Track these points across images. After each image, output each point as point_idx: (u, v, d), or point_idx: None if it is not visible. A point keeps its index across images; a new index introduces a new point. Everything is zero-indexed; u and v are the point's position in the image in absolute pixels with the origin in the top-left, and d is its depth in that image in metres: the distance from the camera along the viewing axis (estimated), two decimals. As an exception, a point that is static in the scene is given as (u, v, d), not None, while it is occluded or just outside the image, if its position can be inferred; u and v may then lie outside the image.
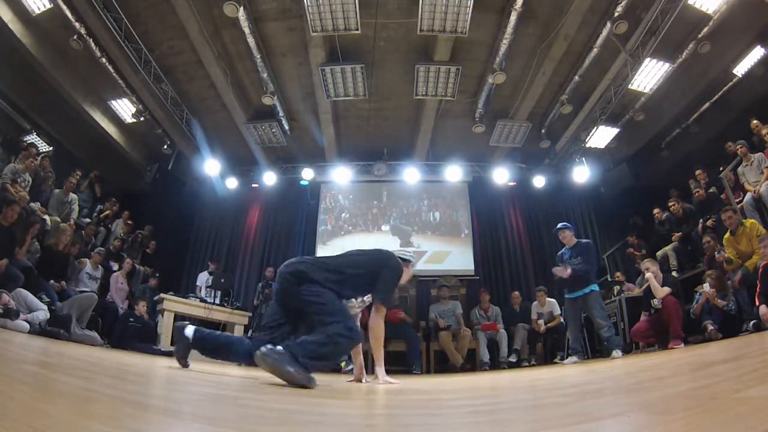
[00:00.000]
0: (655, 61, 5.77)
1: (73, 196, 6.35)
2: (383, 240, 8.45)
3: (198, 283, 7.08)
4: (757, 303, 3.76)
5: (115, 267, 6.42)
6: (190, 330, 2.32)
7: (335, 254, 2.60)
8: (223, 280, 6.68)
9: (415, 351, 5.97)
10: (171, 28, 5.57)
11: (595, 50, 5.55)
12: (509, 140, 7.48)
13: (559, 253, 4.97)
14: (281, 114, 6.89)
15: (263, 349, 1.84)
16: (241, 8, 4.86)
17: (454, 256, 8.28)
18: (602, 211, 8.68)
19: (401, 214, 8.67)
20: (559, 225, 4.98)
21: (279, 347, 1.87)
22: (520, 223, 8.72)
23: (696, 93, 6.64)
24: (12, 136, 6.76)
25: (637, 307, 5.17)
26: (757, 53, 5.79)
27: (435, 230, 8.57)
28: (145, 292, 6.33)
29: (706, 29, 5.40)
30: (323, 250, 8.31)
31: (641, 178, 8.02)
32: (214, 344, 2.37)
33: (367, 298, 2.70)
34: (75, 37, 5.32)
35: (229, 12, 4.88)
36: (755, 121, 5.50)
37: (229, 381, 2.28)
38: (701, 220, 5.81)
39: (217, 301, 6.40)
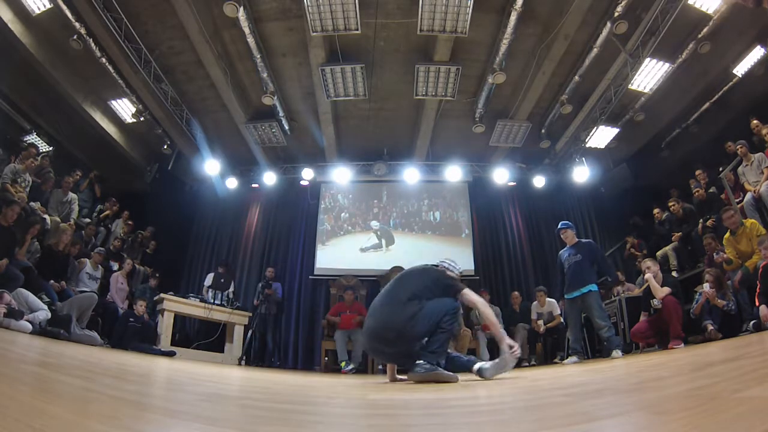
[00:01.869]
0: (655, 61, 5.77)
1: (72, 195, 6.36)
2: (387, 241, 8.46)
3: (205, 284, 7.10)
4: (757, 303, 3.76)
5: (115, 267, 6.43)
6: None
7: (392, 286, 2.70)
8: (222, 280, 6.70)
9: (414, 351, 5.98)
10: (171, 28, 5.57)
11: (595, 50, 5.55)
12: (509, 140, 7.48)
13: (560, 252, 4.97)
14: (281, 114, 6.90)
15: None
16: (241, 8, 4.86)
17: (454, 256, 8.24)
18: (602, 211, 8.68)
19: (401, 214, 8.66)
20: (561, 224, 4.98)
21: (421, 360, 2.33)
22: (520, 223, 8.72)
23: (696, 93, 6.64)
24: (12, 136, 6.76)
25: (637, 308, 5.16)
26: (757, 53, 5.79)
27: (435, 230, 8.57)
28: (145, 292, 6.33)
29: (706, 29, 5.40)
30: (323, 250, 8.31)
31: (641, 178, 8.02)
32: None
33: None
34: (75, 37, 5.32)
35: (229, 12, 4.88)
36: (755, 121, 5.51)
37: (229, 381, 2.29)
38: (701, 220, 5.81)
39: (222, 301, 6.42)
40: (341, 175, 8.16)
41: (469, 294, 2.66)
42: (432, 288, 2.57)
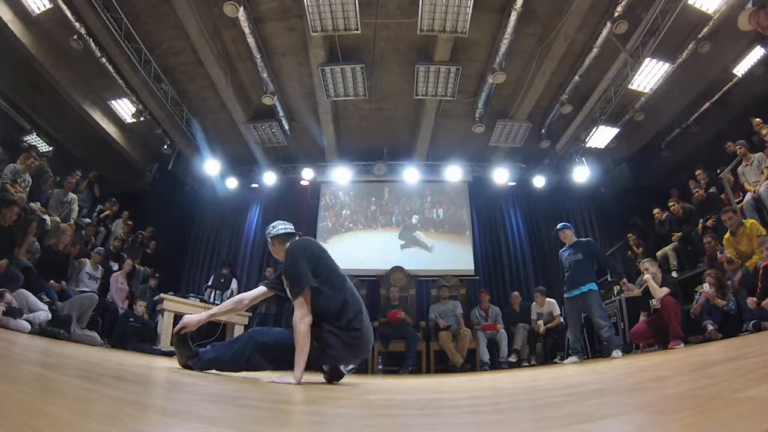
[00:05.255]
0: (655, 61, 5.77)
1: (72, 195, 6.35)
2: (386, 238, 8.45)
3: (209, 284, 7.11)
4: (753, 306, 3.78)
5: (115, 267, 6.42)
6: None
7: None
8: (222, 280, 6.71)
9: (412, 351, 5.99)
10: (171, 28, 5.57)
11: (595, 50, 5.55)
12: (509, 140, 7.48)
13: (560, 252, 4.99)
14: (281, 114, 6.90)
15: None
16: (241, 8, 4.86)
17: (455, 256, 8.27)
18: (602, 211, 8.68)
19: (404, 212, 8.65)
20: (560, 225, 5.01)
21: None
22: (520, 223, 8.72)
23: (696, 93, 6.65)
24: (12, 136, 6.77)
25: (637, 308, 5.17)
26: (757, 53, 5.80)
27: (438, 227, 8.56)
28: (145, 292, 6.33)
29: (706, 29, 5.40)
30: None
31: (641, 178, 8.02)
32: None
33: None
34: (75, 37, 5.32)
35: (229, 12, 4.88)
36: (758, 119, 5.49)
37: (229, 381, 2.29)
38: (701, 220, 5.81)
39: (222, 301, 6.43)
40: (341, 175, 8.16)
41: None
42: None
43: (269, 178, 8.20)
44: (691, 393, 1.08)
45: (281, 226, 2.52)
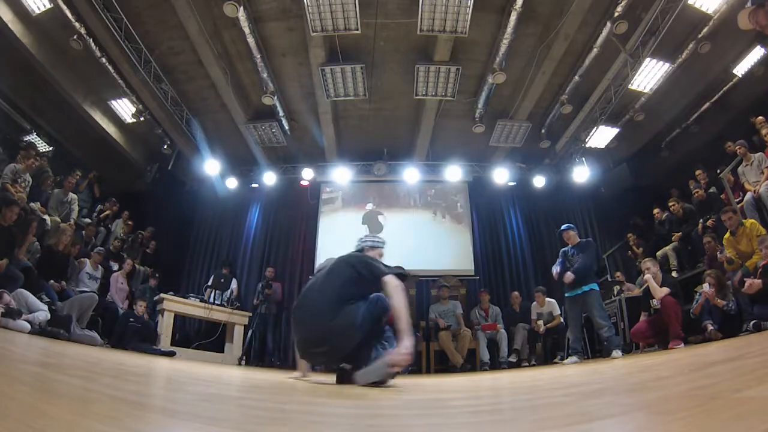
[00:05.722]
0: (655, 61, 5.77)
1: (72, 196, 6.35)
2: (384, 236, 8.44)
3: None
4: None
5: (115, 267, 6.43)
6: None
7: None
8: (222, 280, 6.71)
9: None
10: (171, 28, 5.57)
11: (595, 50, 5.55)
12: (509, 140, 7.48)
13: (563, 249, 4.99)
14: (281, 114, 6.90)
15: None
16: (241, 8, 4.86)
17: (455, 256, 8.27)
18: (602, 211, 8.68)
19: (402, 212, 8.64)
20: (564, 226, 5.03)
21: None
22: (520, 223, 8.72)
23: (696, 93, 6.65)
24: (12, 136, 6.76)
25: (637, 308, 5.17)
26: (757, 53, 5.80)
27: (436, 228, 8.56)
28: (145, 292, 6.34)
29: (706, 29, 5.41)
30: (323, 249, 8.29)
31: (641, 178, 8.02)
32: None
33: None
34: (75, 37, 5.33)
35: (229, 12, 4.88)
36: (760, 117, 5.48)
37: (229, 381, 2.29)
38: (701, 220, 5.81)
39: (222, 301, 6.44)
40: (341, 175, 8.16)
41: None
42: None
43: (269, 178, 8.20)
44: (691, 393, 1.08)
45: (369, 240, 2.92)
